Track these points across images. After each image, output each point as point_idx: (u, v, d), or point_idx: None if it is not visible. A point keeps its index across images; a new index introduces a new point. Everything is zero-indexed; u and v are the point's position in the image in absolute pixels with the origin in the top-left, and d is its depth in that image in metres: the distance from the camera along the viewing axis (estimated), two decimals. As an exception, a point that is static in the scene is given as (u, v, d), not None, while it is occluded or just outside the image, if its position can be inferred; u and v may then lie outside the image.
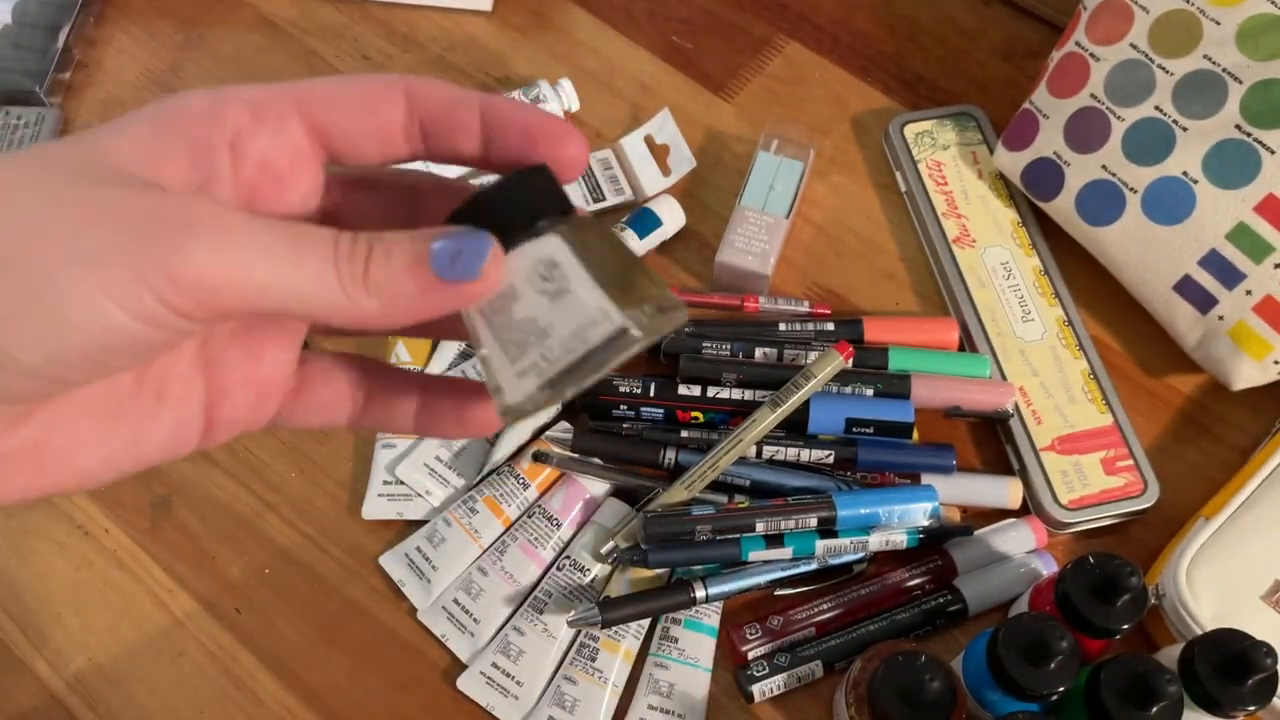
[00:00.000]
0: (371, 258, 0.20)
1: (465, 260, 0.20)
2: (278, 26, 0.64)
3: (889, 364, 0.50)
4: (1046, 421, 0.50)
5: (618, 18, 0.64)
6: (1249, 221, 0.48)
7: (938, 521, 0.47)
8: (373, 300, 0.20)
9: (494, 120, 0.22)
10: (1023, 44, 0.63)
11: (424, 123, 0.22)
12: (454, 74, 0.62)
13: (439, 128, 0.22)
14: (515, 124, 0.22)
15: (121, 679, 0.47)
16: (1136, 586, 0.41)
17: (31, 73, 0.59)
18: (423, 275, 0.20)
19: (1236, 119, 0.48)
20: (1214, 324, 0.50)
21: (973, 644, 0.42)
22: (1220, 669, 0.39)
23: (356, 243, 0.20)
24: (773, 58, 0.63)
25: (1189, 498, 0.49)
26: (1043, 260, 0.55)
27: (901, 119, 0.59)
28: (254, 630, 0.47)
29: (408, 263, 0.20)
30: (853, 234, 0.57)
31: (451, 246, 0.20)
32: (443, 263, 0.20)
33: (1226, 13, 0.49)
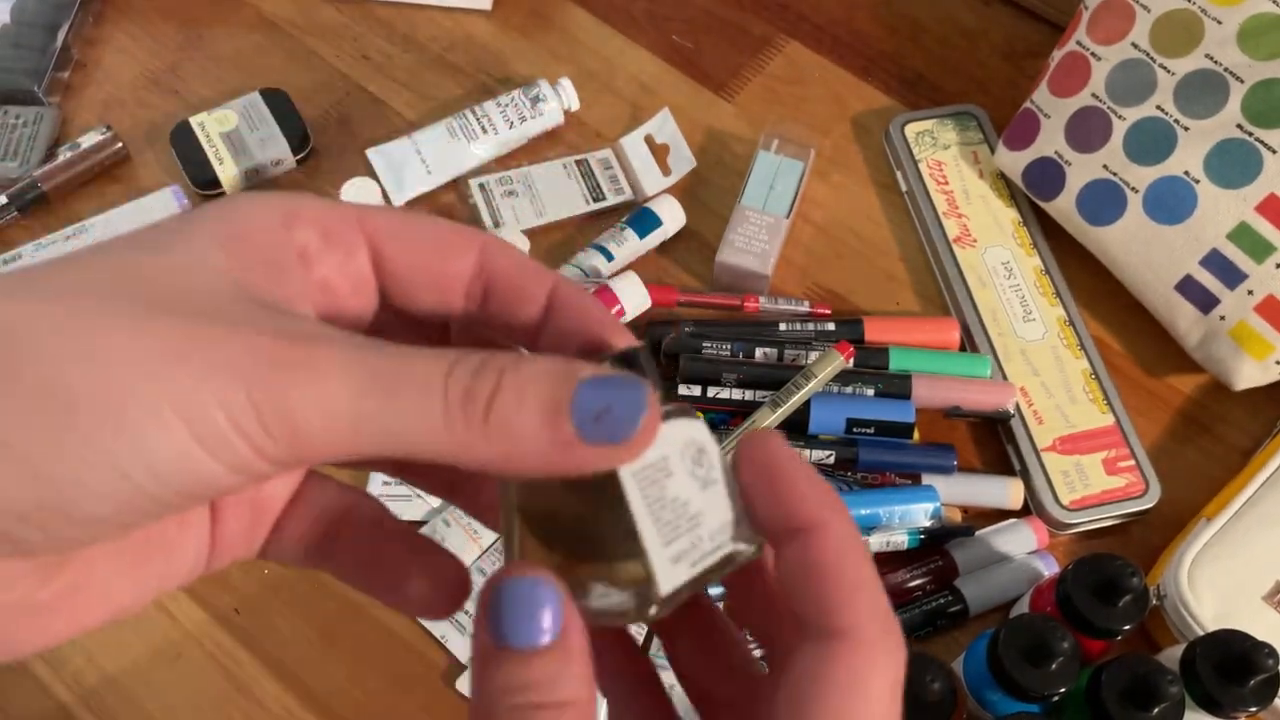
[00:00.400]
0: (498, 396, 0.16)
1: (616, 418, 0.17)
2: (278, 26, 0.63)
3: (890, 364, 0.50)
4: (1047, 422, 0.50)
5: (618, 17, 0.64)
6: (1250, 221, 0.48)
7: (939, 522, 0.47)
8: (491, 447, 0.17)
9: (563, 304, 0.20)
10: (1023, 43, 0.63)
11: (490, 284, 0.20)
12: (454, 73, 0.62)
13: (504, 293, 0.20)
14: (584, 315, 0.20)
15: (121, 680, 0.47)
16: (1138, 587, 0.41)
17: (30, 72, 0.59)
18: (561, 429, 0.16)
19: (1238, 118, 0.48)
20: (1215, 324, 0.50)
21: (974, 645, 0.42)
22: (1222, 670, 0.39)
23: (479, 375, 0.17)
24: (773, 57, 0.63)
25: (1190, 498, 0.49)
26: (1044, 260, 0.55)
27: (902, 118, 0.59)
28: (253, 631, 0.47)
29: (544, 410, 0.16)
30: (853, 234, 0.57)
31: (600, 398, 0.17)
32: (586, 417, 0.16)
33: (1228, 12, 0.49)
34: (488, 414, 0.16)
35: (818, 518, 0.18)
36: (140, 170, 0.59)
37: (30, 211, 0.56)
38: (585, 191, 0.57)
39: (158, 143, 0.59)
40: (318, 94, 0.61)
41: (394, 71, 0.62)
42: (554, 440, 0.16)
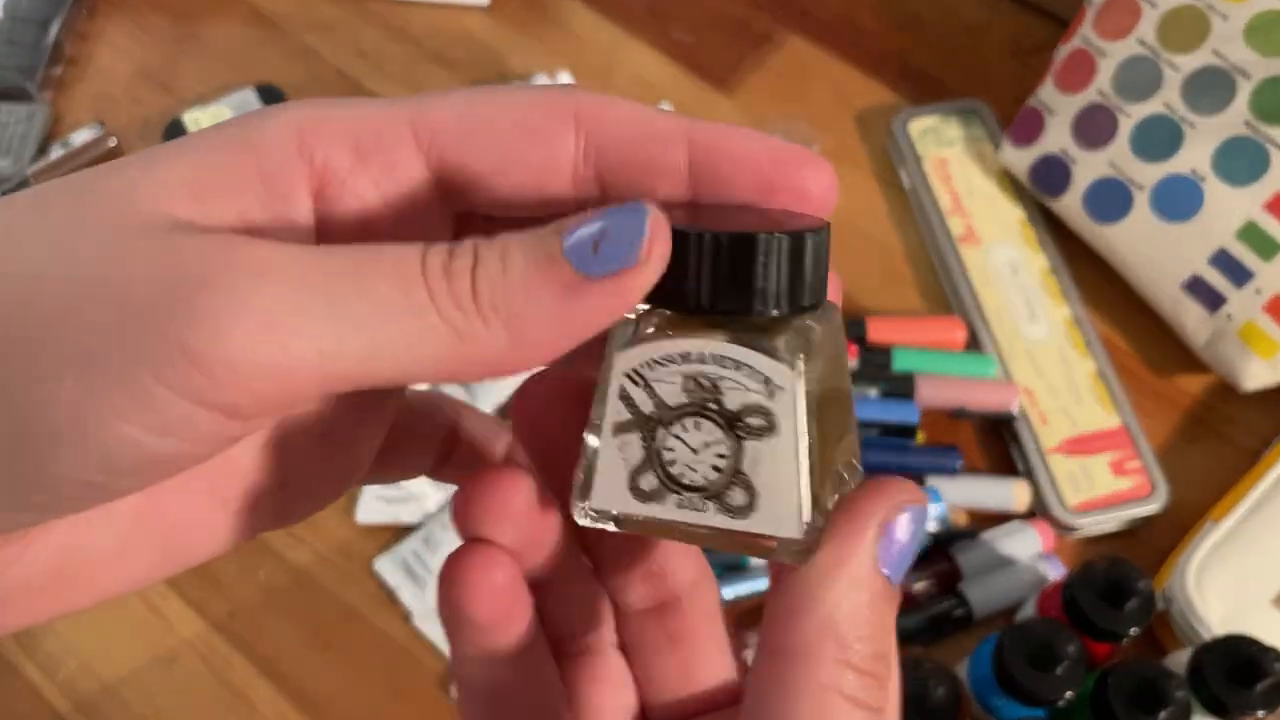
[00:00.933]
0: (479, 268, 0.14)
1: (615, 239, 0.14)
2: (273, 21, 0.63)
3: (893, 364, 0.50)
4: (1053, 423, 0.50)
5: (617, 12, 0.63)
6: (1258, 219, 0.48)
7: (943, 525, 0.46)
8: (494, 329, 0.14)
9: (714, 158, 0.16)
10: (1029, 39, 0.62)
11: (603, 160, 0.16)
12: (451, 70, 0.61)
13: (626, 169, 0.16)
14: (749, 161, 0.16)
15: (113, 684, 0.46)
16: (1144, 590, 0.41)
17: (22, 68, 0.59)
18: (561, 275, 0.14)
19: (1245, 115, 0.48)
20: (1223, 323, 0.49)
21: (978, 649, 0.42)
22: (1229, 674, 0.39)
23: (455, 254, 0.14)
24: (775, 52, 0.62)
25: (1198, 500, 0.49)
26: (1050, 259, 0.54)
27: (906, 115, 0.58)
28: (248, 635, 0.47)
29: (535, 263, 0.14)
30: (856, 232, 0.57)
31: (590, 229, 0.14)
32: (583, 252, 0.14)
33: (1235, 8, 0.48)
34: (474, 288, 0.14)
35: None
36: (134, 167, 0.58)
37: (22, 209, 0.56)
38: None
39: (151, 140, 0.58)
40: (313, 90, 0.60)
41: (390, 68, 0.61)
42: (556, 291, 0.14)
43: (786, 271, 0.15)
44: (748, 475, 0.16)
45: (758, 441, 0.15)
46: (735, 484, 0.16)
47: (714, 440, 0.16)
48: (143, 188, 0.14)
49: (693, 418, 0.16)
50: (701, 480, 0.16)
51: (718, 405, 0.16)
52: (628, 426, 0.16)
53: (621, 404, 0.16)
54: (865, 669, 0.15)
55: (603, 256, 0.14)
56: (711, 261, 0.15)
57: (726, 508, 0.16)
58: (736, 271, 0.15)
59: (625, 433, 0.16)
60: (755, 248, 0.15)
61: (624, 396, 0.16)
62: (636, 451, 0.16)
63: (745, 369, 0.15)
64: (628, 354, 0.16)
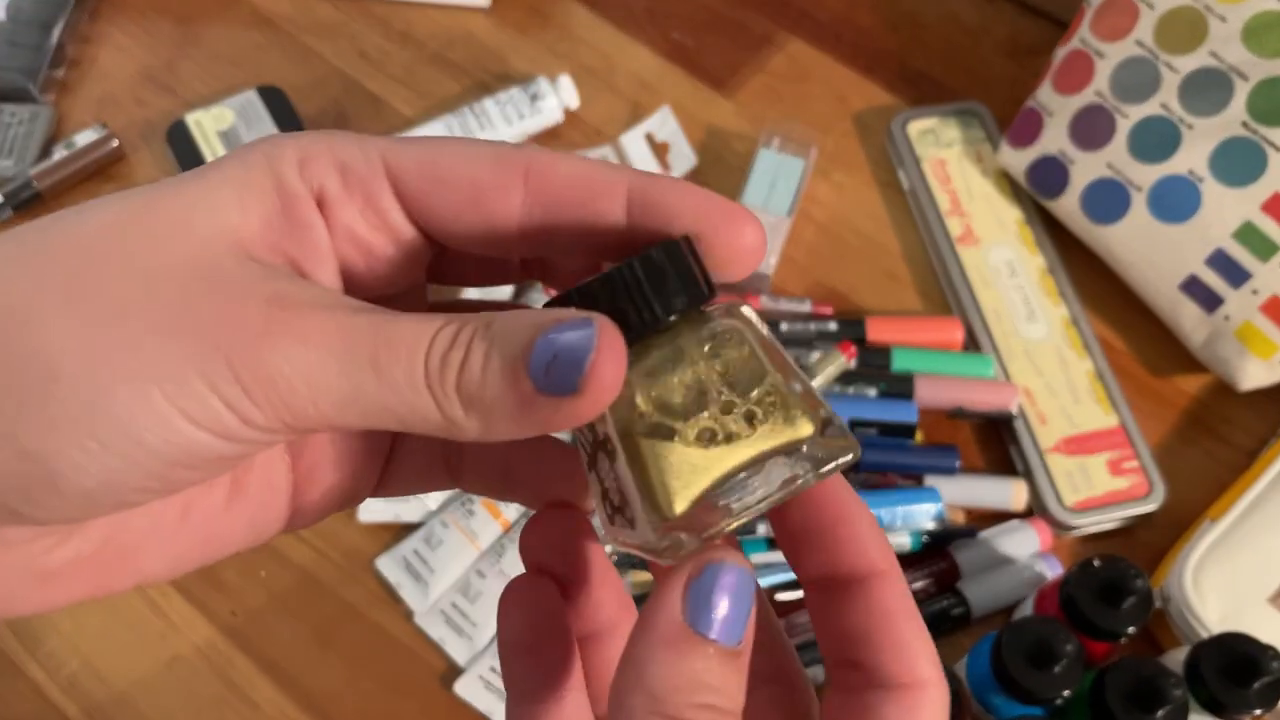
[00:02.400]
0: (466, 364, 0.16)
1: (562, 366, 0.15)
2: (274, 23, 0.63)
3: (892, 364, 0.50)
4: (1051, 422, 0.50)
5: (617, 14, 0.63)
6: (1255, 220, 0.48)
7: (941, 524, 0.46)
8: (471, 418, 0.16)
9: (651, 212, 0.18)
10: (1027, 40, 0.62)
11: (547, 212, 0.18)
12: (452, 71, 0.61)
13: (569, 221, 0.18)
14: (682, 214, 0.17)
15: (116, 683, 0.46)
16: (1142, 589, 0.41)
17: (25, 70, 0.59)
18: (521, 388, 0.16)
19: (1243, 116, 0.48)
20: (1220, 324, 0.49)
21: (977, 647, 0.42)
22: (1226, 673, 0.39)
23: (456, 343, 0.16)
24: (774, 54, 0.62)
25: (1195, 499, 0.49)
26: (1048, 259, 0.54)
27: (904, 116, 0.58)
28: (249, 633, 0.47)
29: (504, 371, 0.16)
30: (855, 233, 0.57)
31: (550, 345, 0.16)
32: (539, 369, 0.15)
33: (1233, 9, 0.48)
34: (459, 381, 0.16)
35: (882, 565, 0.18)
36: (136, 169, 0.58)
37: (24, 210, 0.56)
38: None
39: (154, 141, 0.59)
40: (315, 91, 0.60)
41: (392, 69, 0.61)
42: (516, 400, 0.16)
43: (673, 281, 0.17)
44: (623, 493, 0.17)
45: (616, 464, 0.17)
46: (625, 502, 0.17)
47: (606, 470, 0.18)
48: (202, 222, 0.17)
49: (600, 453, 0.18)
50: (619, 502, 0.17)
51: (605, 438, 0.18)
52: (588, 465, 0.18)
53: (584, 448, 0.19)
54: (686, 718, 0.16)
55: (551, 379, 0.16)
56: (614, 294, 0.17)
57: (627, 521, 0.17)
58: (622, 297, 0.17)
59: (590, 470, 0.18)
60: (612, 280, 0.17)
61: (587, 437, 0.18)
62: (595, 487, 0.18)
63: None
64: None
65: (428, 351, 0.16)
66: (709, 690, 0.16)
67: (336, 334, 0.16)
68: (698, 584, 0.16)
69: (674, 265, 0.17)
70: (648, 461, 0.17)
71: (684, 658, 0.16)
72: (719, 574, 0.16)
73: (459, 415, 0.16)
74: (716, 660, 0.16)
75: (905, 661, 0.18)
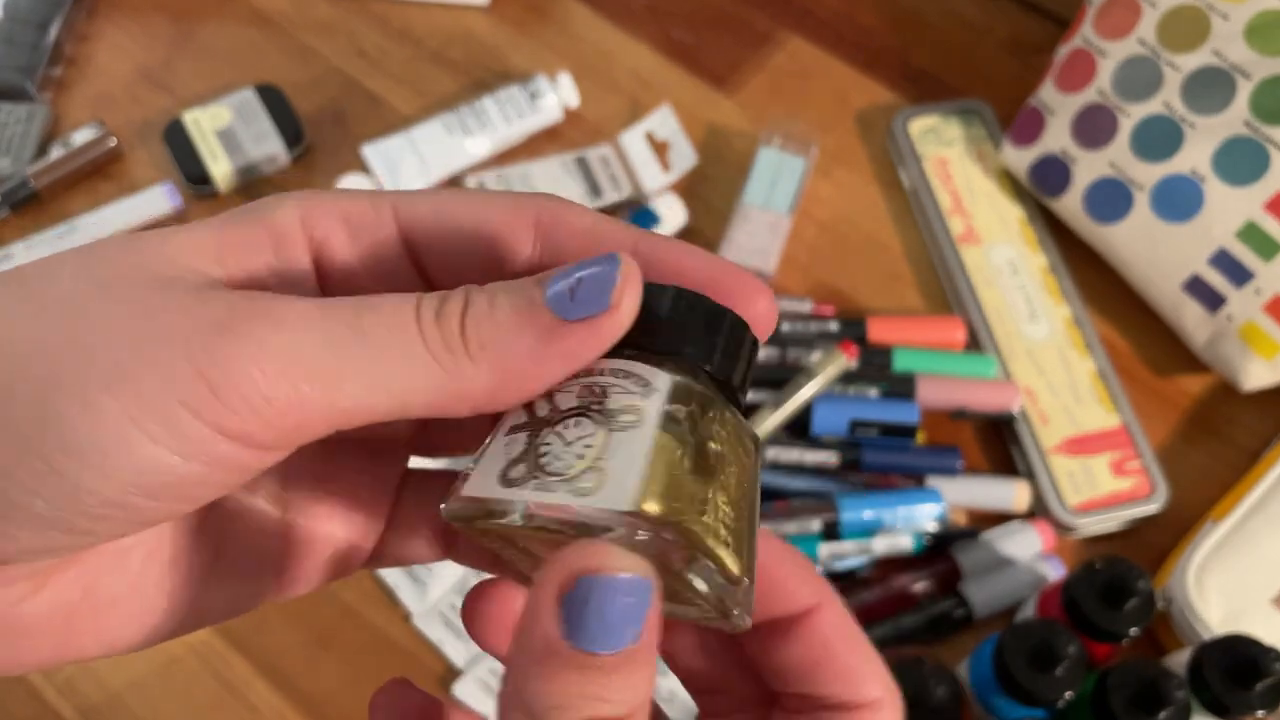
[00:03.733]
0: (469, 312, 0.16)
1: (589, 288, 0.15)
2: (272, 21, 0.63)
3: (893, 364, 0.50)
4: (1053, 423, 0.50)
5: (617, 11, 0.63)
6: (1258, 220, 0.48)
7: (943, 525, 0.46)
8: (481, 367, 0.15)
9: (659, 271, 0.17)
10: (1029, 39, 0.62)
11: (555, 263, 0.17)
12: (451, 69, 0.61)
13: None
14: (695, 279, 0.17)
15: (112, 684, 0.46)
16: (1144, 590, 0.41)
17: (22, 68, 0.58)
18: (541, 319, 0.15)
19: (1245, 115, 0.48)
20: (1223, 324, 0.49)
21: (978, 649, 0.42)
22: (1229, 674, 0.39)
23: (447, 299, 0.16)
24: (775, 52, 0.62)
25: (1198, 500, 0.49)
26: (1050, 258, 0.54)
27: (906, 114, 0.58)
28: (247, 635, 0.47)
29: (518, 309, 0.16)
30: (856, 231, 0.56)
31: (568, 278, 0.16)
32: (562, 299, 0.15)
33: (1235, 8, 0.48)
34: (463, 330, 0.15)
35: (815, 599, 0.18)
36: (133, 167, 0.58)
37: (21, 209, 0.56)
38: (585, 189, 0.56)
39: (151, 139, 0.58)
40: (313, 90, 0.60)
41: (390, 67, 0.61)
42: (537, 333, 0.15)
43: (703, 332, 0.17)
44: (604, 461, 0.16)
45: (622, 434, 0.16)
46: (591, 470, 0.16)
47: (587, 434, 0.16)
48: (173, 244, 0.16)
49: (575, 417, 0.16)
50: (563, 467, 0.16)
51: (600, 406, 0.16)
52: (520, 428, 0.16)
53: (523, 410, 0.17)
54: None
55: (579, 302, 0.15)
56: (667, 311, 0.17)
57: (576, 489, 0.15)
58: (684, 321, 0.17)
59: (516, 433, 0.16)
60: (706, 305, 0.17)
61: (528, 405, 0.17)
62: (519, 447, 0.16)
63: (632, 377, 0.16)
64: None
65: (416, 309, 0.15)
66: (594, 701, 0.14)
67: (314, 311, 0.15)
68: (570, 598, 0.14)
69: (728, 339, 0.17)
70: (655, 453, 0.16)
71: (561, 673, 0.14)
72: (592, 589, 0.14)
73: (465, 367, 0.15)
74: (599, 671, 0.14)
75: (854, 686, 0.18)
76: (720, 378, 0.17)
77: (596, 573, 0.14)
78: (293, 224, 0.17)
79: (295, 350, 0.15)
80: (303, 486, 0.19)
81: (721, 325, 0.17)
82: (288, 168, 0.58)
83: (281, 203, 0.17)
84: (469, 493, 0.16)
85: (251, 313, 0.15)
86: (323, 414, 0.15)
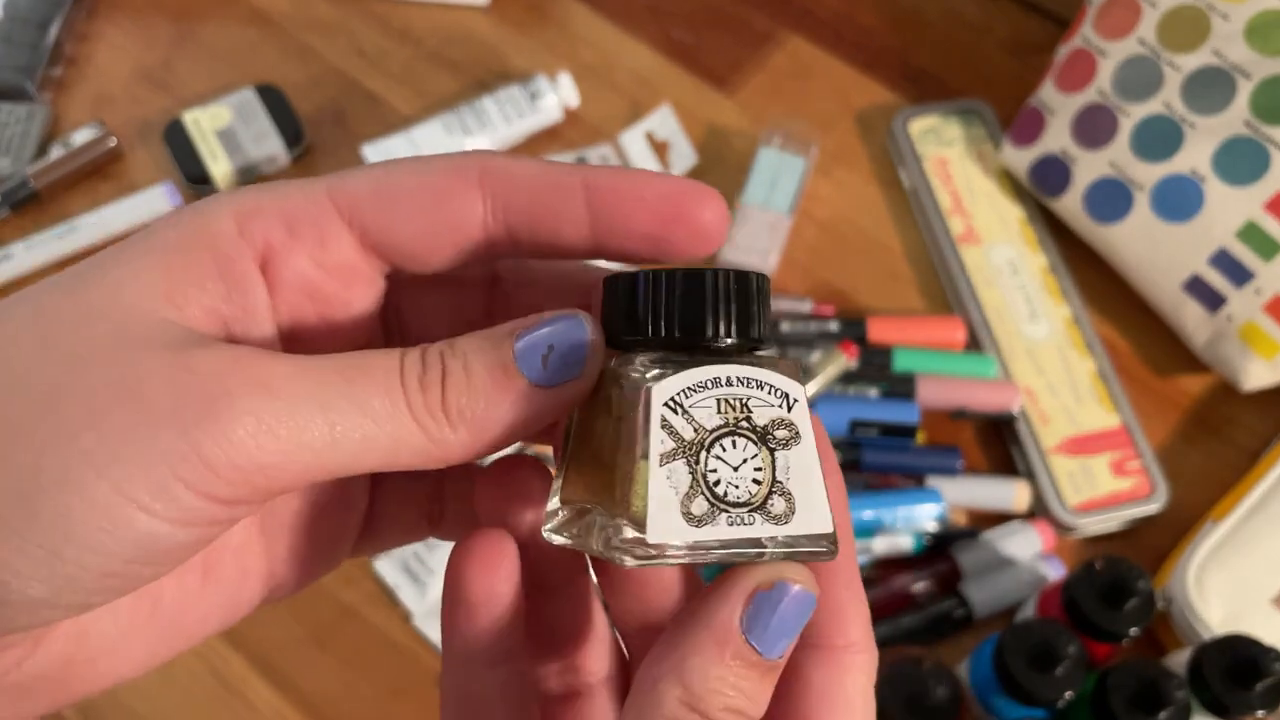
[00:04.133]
0: (448, 380, 0.16)
1: (562, 355, 0.16)
2: (271, 20, 0.63)
3: (894, 364, 0.50)
4: (1053, 423, 0.50)
5: (617, 11, 0.63)
6: (1258, 220, 0.48)
7: (943, 525, 0.46)
8: (459, 432, 0.16)
9: (609, 200, 0.17)
10: (1029, 39, 0.62)
11: (509, 215, 0.17)
12: (451, 69, 0.61)
13: (530, 220, 0.18)
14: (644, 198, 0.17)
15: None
16: (1144, 590, 0.41)
17: (22, 68, 0.58)
18: (514, 386, 0.16)
19: (1246, 115, 0.48)
20: (1223, 324, 0.49)
21: (979, 649, 0.42)
22: (1229, 674, 0.39)
23: (427, 364, 0.16)
24: (775, 52, 0.62)
25: (1198, 500, 0.49)
26: (1050, 258, 0.54)
27: (906, 114, 0.58)
28: (246, 634, 0.47)
29: (491, 375, 0.16)
30: (857, 231, 0.56)
31: (538, 340, 0.16)
32: (533, 363, 0.16)
33: (1235, 8, 0.48)
34: (444, 400, 0.16)
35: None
36: (133, 167, 0.58)
37: (21, 209, 0.56)
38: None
39: (150, 139, 0.58)
40: (313, 90, 0.60)
41: (390, 67, 0.61)
42: (513, 399, 0.16)
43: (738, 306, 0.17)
44: (783, 483, 0.17)
45: (786, 451, 0.17)
46: (774, 493, 0.16)
47: (750, 456, 0.16)
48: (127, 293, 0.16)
49: (729, 437, 0.16)
50: (745, 495, 0.16)
51: (749, 423, 0.17)
52: (673, 455, 0.16)
53: (664, 433, 0.16)
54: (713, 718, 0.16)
55: (552, 370, 0.16)
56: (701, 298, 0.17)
57: (771, 517, 0.16)
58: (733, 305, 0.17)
59: (671, 460, 0.16)
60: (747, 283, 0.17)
61: (665, 425, 0.16)
62: (684, 478, 0.16)
63: (767, 387, 0.17)
64: (663, 386, 0.16)
65: (401, 375, 0.16)
66: (743, 697, 0.16)
67: (302, 377, 0.15)
68: (765, 597, 0.16)
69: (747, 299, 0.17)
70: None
71: (728, 662, 0.16)
72: (786, 594, 0.16)
73: (446, 434, 0.16)
74: (757, 671, 0.16)
75: (837, 624, 0.18)
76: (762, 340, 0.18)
77: (791, 582, 0.16)
78: (232, 237, 0.17)
79: (288, 417, 0.15)
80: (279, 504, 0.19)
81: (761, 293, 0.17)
82: (288, 168, 0.58)
83: (217, 211, 0.17)
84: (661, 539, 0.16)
85: (240, 381, 0.15)
86: (308, 475, 0.16)
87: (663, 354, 0.17)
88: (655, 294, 0.17)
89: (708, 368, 0.16)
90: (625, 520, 0.16)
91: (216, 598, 0.18)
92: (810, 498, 0.16)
